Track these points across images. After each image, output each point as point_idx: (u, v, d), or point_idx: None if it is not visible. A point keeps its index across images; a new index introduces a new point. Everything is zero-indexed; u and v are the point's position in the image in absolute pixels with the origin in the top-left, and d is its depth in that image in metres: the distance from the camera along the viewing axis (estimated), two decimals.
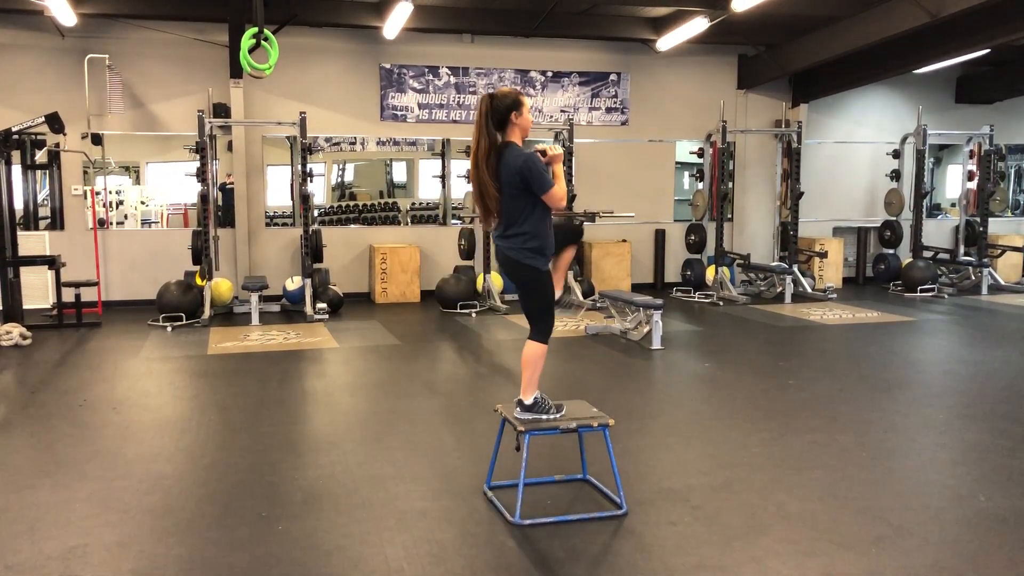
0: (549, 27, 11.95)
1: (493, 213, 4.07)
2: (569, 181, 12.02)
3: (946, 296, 12.51)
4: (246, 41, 7.97)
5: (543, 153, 4.07)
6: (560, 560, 3.71)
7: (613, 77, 13.29)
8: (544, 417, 4.17)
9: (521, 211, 4.02)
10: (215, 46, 11.53)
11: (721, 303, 11.87)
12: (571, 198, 11.97)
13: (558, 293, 4.34)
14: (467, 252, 11.92)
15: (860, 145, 14.54)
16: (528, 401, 4.20)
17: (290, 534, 3.98)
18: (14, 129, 9.66)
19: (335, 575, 3.58)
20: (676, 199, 14.00)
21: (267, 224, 12.33)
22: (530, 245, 4.06)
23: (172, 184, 12.82)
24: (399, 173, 14.03)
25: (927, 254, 13.33)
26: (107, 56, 10.96)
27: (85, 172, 11.54)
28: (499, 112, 3.98)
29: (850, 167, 14.58)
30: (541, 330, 4.20)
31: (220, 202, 11.87)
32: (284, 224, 12.60)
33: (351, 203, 13.49)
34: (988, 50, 11.94)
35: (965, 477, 4.82)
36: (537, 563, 3.69)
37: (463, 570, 3.66)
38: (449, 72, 12.67)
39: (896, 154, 13.59)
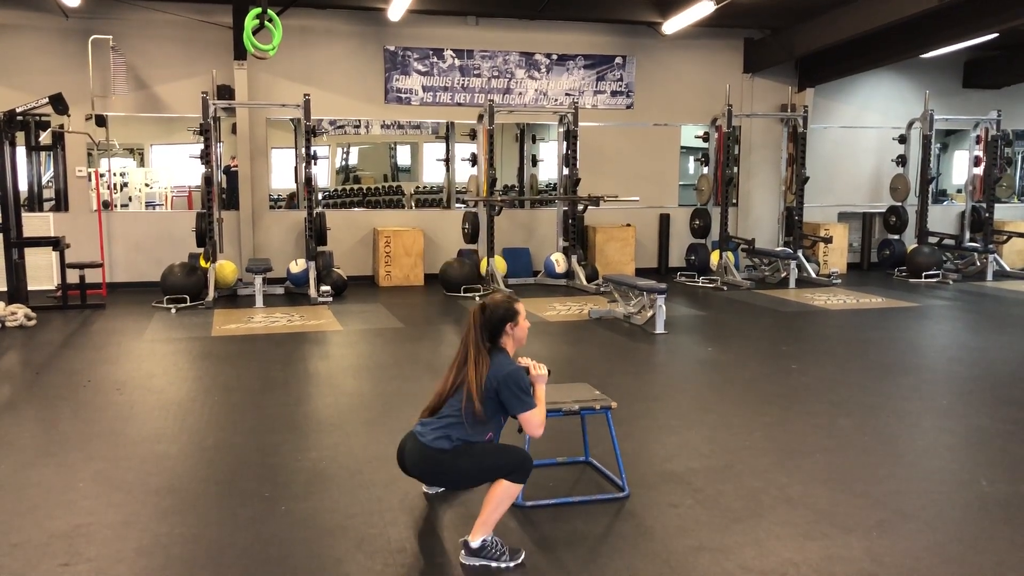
0: (554, 9, 11.89)
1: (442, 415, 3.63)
2: (574, 165, 12.00)
3: (951, 282, 12.47)
4: (250, 22, 7.97)
5: (527, 371, 3.67)
6: (562, 542, 3.73)
7: (618, 60, 13.23)
8: (493, 564, 3.43)
9: (482, 424, 3.54)
10: (219, 27, 11.49)
11: (725, 288, 11.85)
12: (575, 182, 11.95)
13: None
14: (471, 236, 11.91)
15: (866, 130, 14.48)
16: (475, 544, 3.46)
17: (293, 514, 4.00)
18: (18, 110, 9.65)
19: (338, 555, 3.59)
20: (681, 183, 13.96)
21: (271, 207, 12.33)
22: (462, 443, 3.56)
23: (176, 166, 12.80)
24: (403, 156, 14.00)
25: (932, 240, 13.30)
26: (111, 37, 10.91)
27: (89, 154, 11.53)
28: (492, 324, 3.60)
29: (856, 152, 14.52)
30: (517, 473, 3.50)
31: (224, 184, 11.87)
32: (289, 207, 12.58)
33: (355, 186, 13.47)
34: (996, 34, 11.84)
35: (967, 462, 4.83)
36: (539, 545, 3.70)
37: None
38: (454, 55, 12.61)
39: (902, 139, 13.52)
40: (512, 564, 3.46)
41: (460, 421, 3.57)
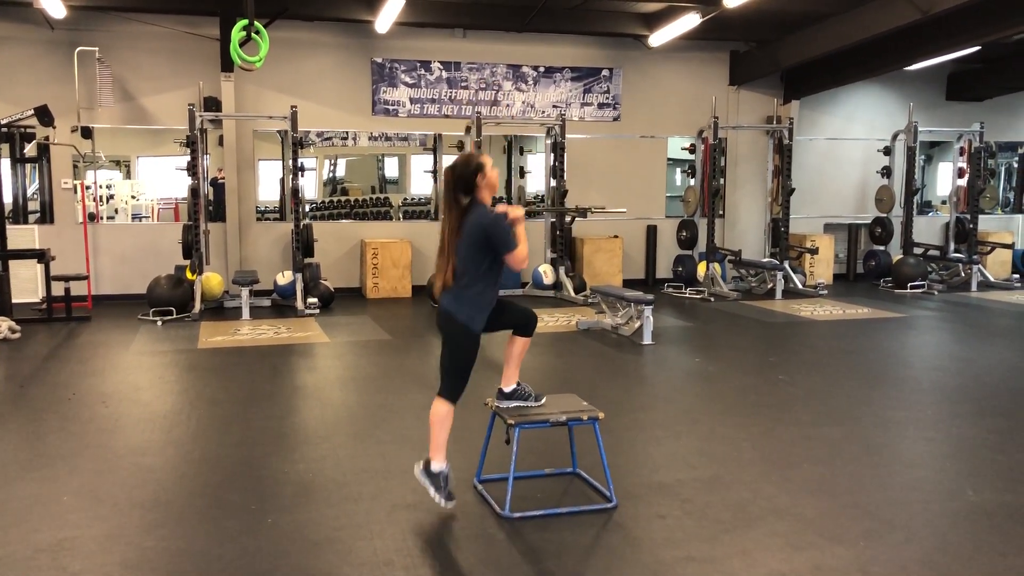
0: (541, 22, 11.94)
1: (454, 278, 4.01)
2: (561, 176, 12.04)
3: (936, 292, 12.55)
4: (236, 34, 7.95)
5: (504, 215, 4.01)
6: (549, 553, 3.72)
7: (605, 72, 13.29)
8: (431, 492, 4.06)
9: (476, 269, 3.97)
10: (206, 39, 11.48)
11: (712, 299, 11.89)
12: (563, 194, 11.98)
13: (510, 386, 4.30)
14: None
15: (851, 142, 14.58)
16: (434, 468, 4.09)
17: (279, 527, 3.98)
18: (3, 122, 9.62)
19: (324, 567, 3.57)
20: (668, 195, 14.01)
21: (258, 219, 12.29)
22: (474, 300, 4.00)
23: (163, 178, 12.76)
24: (391, 168, 14.01)
25: (917, 251, 13.38)
26: (97, 49, 10.89)
27: (75, 166, 11.48)
28: (464, 179, 3.98)
29: (841, 164, 14.61)
30: (452, 388, 4.10)
31: (211, 196, 11.84)
32: (275, 219, 12.56)
33: (343, 198, 13.46)
34: (978, 48, 11.97)
35: (953, 472, 4.85)
36: (526, 556, 3.70)
37: (452, 563, 3.67)
38: (441, 67, 12.64)
39: (887, 151, 13.62)
40: (444, 503, 4.05)
41: (471, 279, 4.00)
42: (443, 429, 4.11)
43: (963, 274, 13.24)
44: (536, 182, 13.91)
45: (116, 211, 12.34)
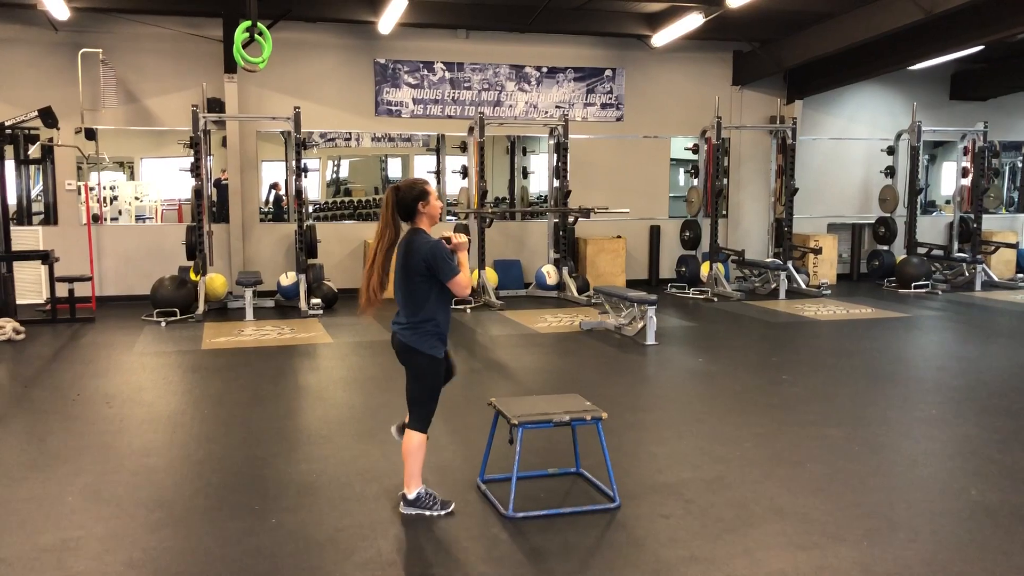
0: (544, 22, 11.93)
1: (375, 303, 4.01)
2: (564, 177, 12.03)
3: (940, 292, 12.53)
4: (239, 35, 7.97)
5: (448, 240, 4.05)
6: (553, 553, 3.72)
7: (608, 73, 13.29)
8: (427, 513, 4.08)
9: (425, 298, 3.99)
10: (209, 41, 11.50)
11: (715, 299, 11.88)
12: (566, 194, 11.98)
13: None
14: None
15: (855, 141, 14.56)
16: (411, 495, 4.11)
17: (283, 527, 3.98)
18: (7, 123, 9.64)
19: (328, 567, 3.58)
20: (671, 195, 14.00)
21: (261, 220, 12.31)
22: (432, 331, 4.01)
23: (166, 179, 12.79)
24: (394, 169, 14.02)
25: (921, 250, 13.37)
26: (100, 50, 10.90)
27: (79, 167, 11.50)
28: (405, 204, 3.99)
29: (845, 163, 14.59)
30: (422, 417, 4.10)
31: (214, 197, 11.85)
32: (280, 219, 12.58)
33: (346, 199, 13.48)
34: (982, 47, 11.95)
35: (956, 471, 4.84)
36: (530, 556, 3.70)
37: (455, 563, 3.67)
38: (444, 67, 12.65)
39: (891, 151, 13.61)
40: (443, 512, 4.08)
41: (422, 309, 4.01)
42: (417, 460, 4.10)
43: (967, 274, 13.22)
44: (539, 182, 13.91)
45: (120, 212, 12.37)
